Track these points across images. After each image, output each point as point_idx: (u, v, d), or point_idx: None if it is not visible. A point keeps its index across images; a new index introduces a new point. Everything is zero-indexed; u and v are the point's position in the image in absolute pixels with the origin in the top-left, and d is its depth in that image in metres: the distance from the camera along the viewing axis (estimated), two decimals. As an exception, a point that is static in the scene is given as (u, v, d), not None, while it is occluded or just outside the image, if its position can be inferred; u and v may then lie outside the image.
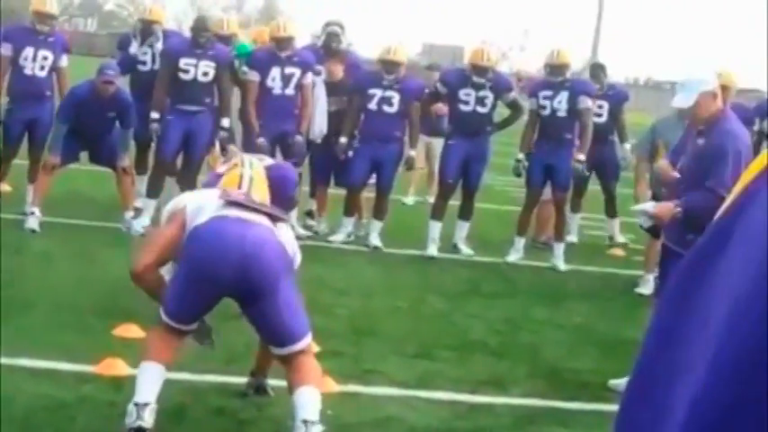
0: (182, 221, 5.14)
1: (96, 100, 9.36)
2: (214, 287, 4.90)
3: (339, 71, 10.58)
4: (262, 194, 5.66)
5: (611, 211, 11.50)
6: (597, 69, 11.55)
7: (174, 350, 5.03)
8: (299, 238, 10.05)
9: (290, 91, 10.20)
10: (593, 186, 11.52)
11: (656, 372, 1.11)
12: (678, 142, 6.41)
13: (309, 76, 10.27)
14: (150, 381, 4.85)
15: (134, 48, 10.65)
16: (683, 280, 1.11)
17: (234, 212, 5.02)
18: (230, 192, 5.33)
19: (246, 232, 4.88)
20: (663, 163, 6.40)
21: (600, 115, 10.96)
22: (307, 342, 5.00)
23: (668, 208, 5.90)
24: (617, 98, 11.30)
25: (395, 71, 10.21)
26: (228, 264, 4.77)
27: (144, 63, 10.59)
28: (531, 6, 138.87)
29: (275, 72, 10.15)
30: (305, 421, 4.76)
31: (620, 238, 11.46)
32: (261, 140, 9.89)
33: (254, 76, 10.17)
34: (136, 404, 4.72)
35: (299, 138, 10.14)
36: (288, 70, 10.17)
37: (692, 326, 1.06)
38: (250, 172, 5.89)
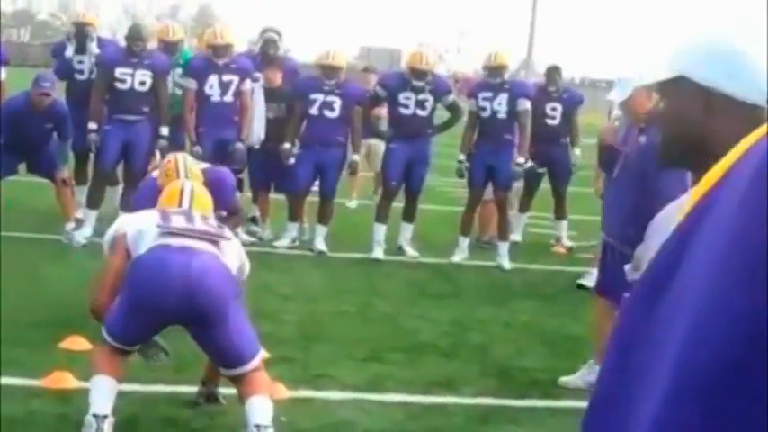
0: (124, 250, 5.12)
1: (33, 112, 9.24)
2: (159, 317, 4.90)
3: (277, 78, 10.56)
4: (204, 205, 5.63)
5: (559, 212, 11.53)
6: (553, 72, 11.57)
7: (122, 365, 4.99)
8: (243, 244, 10.06)
9: (228, 98, 10.17)
10: (541, 186, 11.60)
11: (618, 379, 1.10)
12: (621, 138, 6.47)
13: (248, 83, 10.24)
14: (104, 393, 4.81)
15: (69, 52, 10.54)
16: (647, 287, 1.10)
17: (176, 240, 4.99)
18: (170, 214, 5.28)
19: (190, 261, 4.86)
20: (608, 127, 6.44)
21: (553, 117, 11.08)
22: (257, 361, 4.97)
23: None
24: (571, 101, 11.39)
25: (335, 76, 10.21)
26: (174, 295, 4.76)
27: (81, 72, 10.50)
28: (466, 8, 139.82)
29: (213, 80, 10.11)
30: (257, 426, 4.75)
31: (567, 242, 11.51)
32: (197, 149, 9.88)
33: (191, 84, 10.12)
34: (95, 415, 4.67)
35: (239, 145, 10.12)
36: (226, 77, 10.14)
37: (654, 334, 1.05)
38: (189, 184, 5.85)
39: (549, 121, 11.01)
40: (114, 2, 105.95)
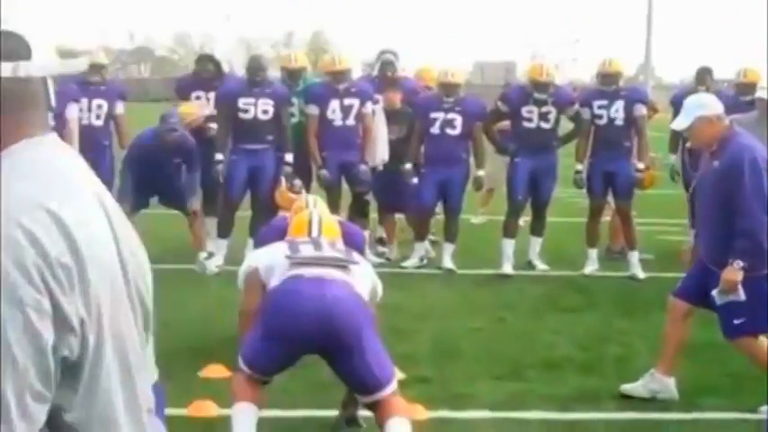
0: (259, 284, 5.21)
1: (161, 147, 9.44)
2: (295, 347, 4.93)
3: (397, 99, 10.59)
4: (332, 233, 5.65)
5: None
6: (704, 73, 11.29)
7: (261, 392, 5.01)
8: (372, 265, 10.10)
9: (350, 122, 10.27)
10: (669, 191, 11.36)
11: None
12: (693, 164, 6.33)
13: (369, 106, 10.31)
14: (246, 419, 4.86)
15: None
16: None
17: (308, 270, 5.01)
18: (298, 243, 5.31)
19: (323, 290, 4.88)
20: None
21: None
22: (393, 386, 4.94)
23: (732, 277, 5.74)
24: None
25: (454, 93, 10.18)
26: (308, 325, 4.78)
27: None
28: (579, 16, 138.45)
29: (334, 104, 10.21)
30: None
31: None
32: (323, 172, 10.05)
33: (313, 110, 10.22)
34: None
35: (363, 167, 10.18)
36: (347, 102, 10.24)
37: None
38: (317, 212, 5.88)
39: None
40: (229, 33, 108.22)
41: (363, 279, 5.18)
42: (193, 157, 9.65)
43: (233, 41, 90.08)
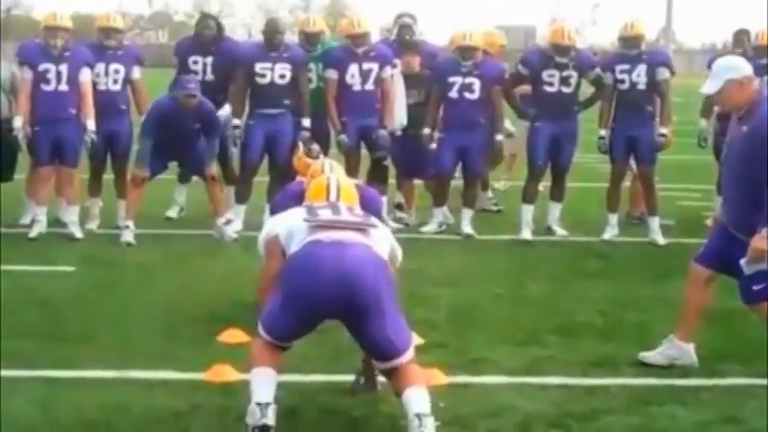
0: (279, 250, 5.19)
1: (180, 112, 9.39)
2: (315, 312, 4.90)
3: (416, 63, 10.53)
4: (350, 198, 5.61)
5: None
6: (741, 35, 11.11)
7: (280, 358, 5.01)
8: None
9: (369, 86, 10.23)
10: (689, 156, 11.27)
11: None
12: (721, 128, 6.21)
13: (388, 70, 10.26)
14: (265, 382, 4.83)
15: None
16: None
17: (327, 235, 4.95)
18: (316, 208, 5.28)
19: (343, 254, 4.83)
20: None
21: None
22: (410, 354, 4.92)
23: (762, 245, 5.63)
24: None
25: (472, 56, 10.09)
26: (329, 289, 4.74)
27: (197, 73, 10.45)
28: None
29: (353, 69, 10.16)
30: (418, 415, 4.68)
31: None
32: (343, 137, 10.09)
33: (332, 74, 10.18)
34: (258, 404, 4.70)
35: (382, 132, 10.15)
36: (366, 66, 10.19)
37: None
38: (335, 176, 5.85)
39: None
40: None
41: (382, 242, 5.14)
42: (213, 122, 9.60)
43: (252, 6, 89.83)
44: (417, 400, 4.75)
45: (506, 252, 9.47)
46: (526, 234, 9.98)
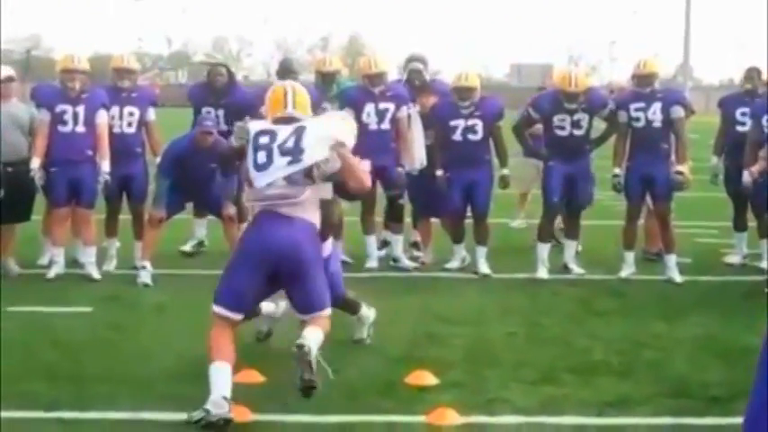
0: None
1: (196, 151, 9.46)
2: (260, 277, 5.89)
3: (430, 102, 10.54)
4: (303, 105, 6.25)
5: (740, 223, 10.96)
6: (752, 72, 11.09)
7: (233, 346, 5.85)
8: (406, 270, 10.10)
9: (385, 126, 10.28)
10: (707, 194, 11.24)
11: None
12: None
13: (404, 110, 10.32)
14: (223, 377, 5.62)
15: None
16: None
17: (267, 212, 5.91)
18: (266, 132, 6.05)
19: (282, 232, 5.82)
20: None
21: (744, 124, 10.63)
22: (326, 312, 6.03)
23: None
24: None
25: (470, 97, 10.15)
26: (270, 258, 5.82)
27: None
28: (615, 16, 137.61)
29: (369, 108, 10.23)
30: (298, 345, 5.61)
31: (740, 254, 10.99)
32: None
33: (348, 113, 10.20)
34: (224, 398, 5.46)
35: (399, 170, 10.18)
36: (382, 105, 10.27)
37: None
38: (292, 87, 6.36)
39: (740, 128, 10.62)
40: (266, 38, 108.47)
41: (314, 194, 5.96)
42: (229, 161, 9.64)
43: (271, 46, 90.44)
44: (307, 334, 5.74)
45: (522, 291, 9.45)
46: (542, 273, 9.97)
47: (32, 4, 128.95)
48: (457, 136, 10.16)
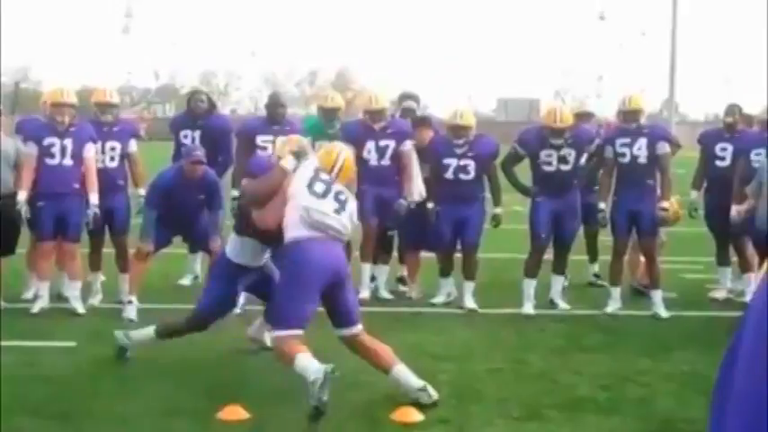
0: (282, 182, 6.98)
1: (184, 183, 9.41)
2: (316, 296, 6.70)
3: (427, 137, 10.56)
4: (347, 178, 7.25)
5: (722, 258, 11.06)
6: (733, 108, 11.07)
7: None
8: (389, 303, 10.11)
9: (385, 162, 10.39)
10: (694, 229, 11.27)
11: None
12: None
13: (407, 144, 10.41)
14: (313, 361, 6.24)
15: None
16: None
17: (318, 235, 6.71)
18: (317, 179, 6.93)
19: (332, 253, 6.77)
20: None
21: (723, 159, 10.73)
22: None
23: None
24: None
25: (465, 135, 10.18)
26: (325, 277, 6.69)
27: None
28: (602, 52, 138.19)
29: (370, 145, 10.34)
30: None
31: (724, 289, 11.03)
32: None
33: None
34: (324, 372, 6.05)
35: (402, 202, 10.32)
36: (383, 143, 10.36)
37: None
38: (344, 155, 7.21)
39: (720, 163, 10.72)
40: (254, 72, 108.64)
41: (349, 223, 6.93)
42: (217, 193, 9.63)
43: (258, 80, 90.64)
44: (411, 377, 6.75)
45: (508, 326, 9.43)
46: (528, 308, 9.96)
47: (21, 36, 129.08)
48: (449, 174, 10.17)
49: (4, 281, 9.94)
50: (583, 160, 10.27)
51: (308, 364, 6.19)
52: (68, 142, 9.65)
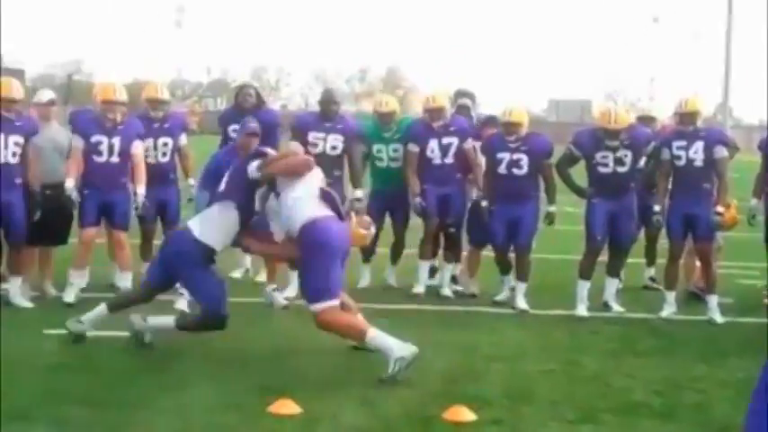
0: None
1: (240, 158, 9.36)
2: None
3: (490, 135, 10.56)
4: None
5: None
6: None
7: None
8: (447, 302, 10.09)
9: (449, 159, 10.49)
10: (751, 234, 11.10)
11: None
12: None
13: (470, 142, 10.50)
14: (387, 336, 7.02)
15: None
16: None
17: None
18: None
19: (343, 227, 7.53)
20: None
21: None
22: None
23: None
24: None
25: (515, 132, 10.12)
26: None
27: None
28: (655, 53, 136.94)
29: (433, 144, 10.44)
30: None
31: None
32: (417, 200, 10.44)
33: (413, 148, 10.51)
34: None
35: (460, 199, 10.52)
36: (445, 140, 10.45)
37: None
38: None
39: None
40: (305, 68, 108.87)
41: None
42: None
43: (309, 76, 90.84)
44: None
45: (561, 327, 9.33)
46: (582, 310, 9.85)
47: (74, 29, 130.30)
48: (502, 169, 10.13)
49: (56, 270, 9.99)
50: (641, 163, 10.13)
51: (392, 341, 6.98)
52: (116, 140, 9.67)
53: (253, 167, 7.71)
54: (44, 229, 9.64)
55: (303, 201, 7.37)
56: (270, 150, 8.12)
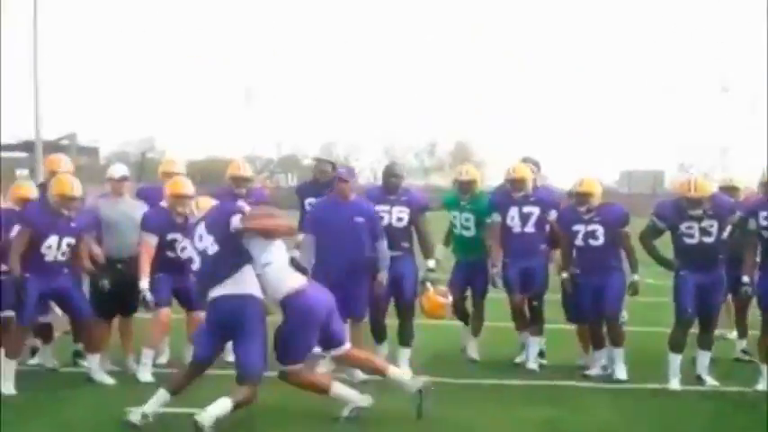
0: None
1: (339, 206, 9.55)
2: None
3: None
4: None
5: None
6: None
7: None
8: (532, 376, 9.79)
9: (529, 229, 10.40)
10: None
11: None
12: None
13: (553, 213, 10.40)
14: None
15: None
16: None
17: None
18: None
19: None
20: None
21: None
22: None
23: None
24: None
25: (586, 203, 9.96)
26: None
27: None
28: (725, 125, 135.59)
29: (513, 212, 10.40)
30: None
31: None
32: (495, 271, 10.43)
33: (495, 218, 10.47)
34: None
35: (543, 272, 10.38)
36: (525, 210, 10.39)
37: None
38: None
39: None
40: (374, 142, 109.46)
41: None
42: (374, 218, 9.69)
43: (378, 151, 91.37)
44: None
45: (652, 402, 8.98)
46: (674, 384, 9.51)
47: (146, 108, 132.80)
48: (579, 241, 10.00)
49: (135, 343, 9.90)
50: (726, 233, 9.79)
51: (403, 377, 8.22)
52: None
53: (236, 219, 7.83)
54: (113, 301, 9.67)
55: (281, 270, 7.86)
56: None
